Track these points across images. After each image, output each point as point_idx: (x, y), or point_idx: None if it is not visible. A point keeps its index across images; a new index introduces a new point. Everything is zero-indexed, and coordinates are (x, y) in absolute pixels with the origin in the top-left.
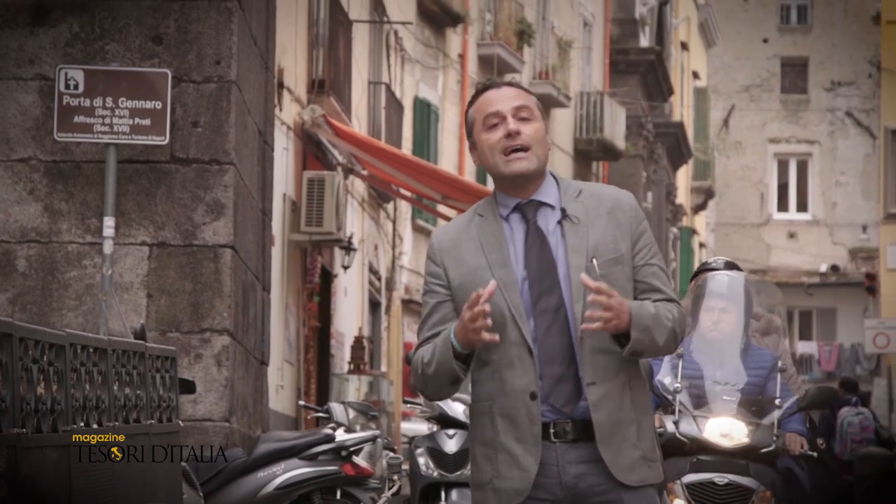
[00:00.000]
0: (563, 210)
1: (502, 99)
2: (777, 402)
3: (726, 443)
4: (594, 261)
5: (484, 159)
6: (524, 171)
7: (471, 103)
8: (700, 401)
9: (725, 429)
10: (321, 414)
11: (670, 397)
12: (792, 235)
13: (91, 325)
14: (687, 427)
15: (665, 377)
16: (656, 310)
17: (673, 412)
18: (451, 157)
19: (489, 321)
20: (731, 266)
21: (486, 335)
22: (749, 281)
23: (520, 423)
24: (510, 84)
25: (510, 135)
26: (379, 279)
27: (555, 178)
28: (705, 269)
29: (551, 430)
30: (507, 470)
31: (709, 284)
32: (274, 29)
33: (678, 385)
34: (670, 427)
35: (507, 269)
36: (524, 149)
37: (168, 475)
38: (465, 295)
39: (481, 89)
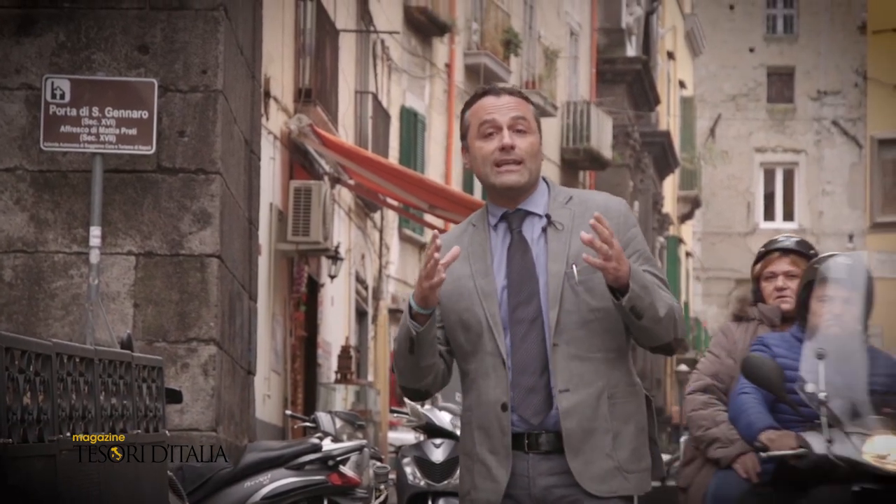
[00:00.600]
0: (547, 216)
1: (500, 108)
2: None
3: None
4: (574, 267)
5: (475, 166)
6: (514, 184)
7: (469, 105)
8: (848, 413)
9: (887, 449)
10: (308, 423)
11: (815, 408)
12: None
13: (77, 334)
14: (843, 447)
15: (805, 383)
16: (656, 283)
17: (817, 427)
18: (437, 166)
19: (443, 274)
20: (805, 245)
21: (434, 278)
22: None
23: (493, 434)
24: (511, 92)
25: (504, 148)
26: (366, 288)
27: (548, 185)
28: (773, 248)
29: (525, 441)
30: (481, 481)
31: (826, 269)
32: (260, 38)
33: (824, 394)
34: (817, 447)
35: (488, 279)
36: (517, 162)
37: (155, 484)
38: (449, 303)
39: (481, 93)
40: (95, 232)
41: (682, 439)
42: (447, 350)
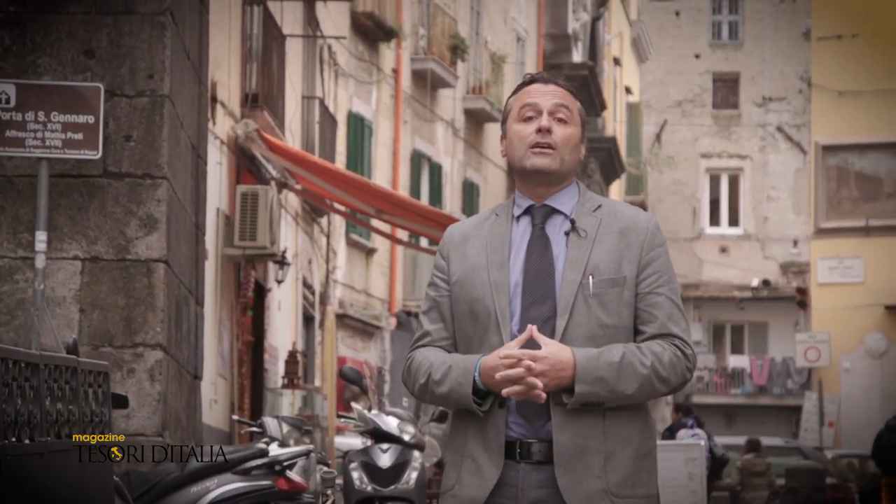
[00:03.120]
0: (572, 221)
1: (544, 93)
2: None
3: None
4: (591, 278)
5: (510, 151)
6: (544, 167)
7: (515, 92)
8: None
9: None
10: (255, 428)
11: None
12: (724, 250)
13: (23, 339)
14: None
15: None
16: (626, 357)
17: None
18: (384, 171)
19: (537, 382)
20: None
21: (515, 394)
22: None
23: (488, 429)
24: (558, 83)
25: (541, 130)
26: (313, 293)
27: (579, 188)
28: None
29: (517, 450)
30: (468, 477)
31: None
32: (207, 43)
33: None
34: None
35: (502, 272)
36: (551, 147)
37: (100, 489)
38: (461, 292)
39: (528, 80)
40: (41, 237)
41: None
42: (451, 343)
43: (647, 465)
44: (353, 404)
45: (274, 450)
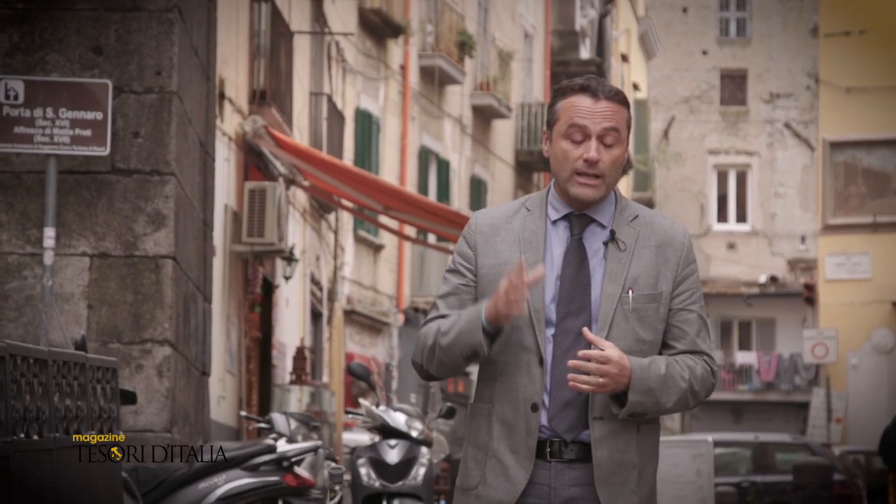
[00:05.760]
0: (612, 232)
1: (595, 115)
2: None
3: None
4: (630, 292)
5: (553, 163)
6: (590, 198)
7: (563, 93)
8: None
9: None
10: (263, 424)
11: None
12: (731, 246)
13: (31, 336)
14: None
15: None
16: (669, 369)
17: None
18: (392, 168)
19: (526, 293)
20: None
21: (515, 307)
22: None
23: (516, 432)
24: (610, 96)
25: (588, 161)
26: (321, 290)
27: (616, 195)
28: None
29: (547, 449)
30: (493, 478)
31: None
32: (215, 40)
33: None
34: None
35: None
36: (597, 176)
37: (109, 485)
38: (490, 286)
39: (578, 87)
40: (49, 233)
41: None
42: None
43: (656, 477)
44: (361, 400)
45: (282, 446)
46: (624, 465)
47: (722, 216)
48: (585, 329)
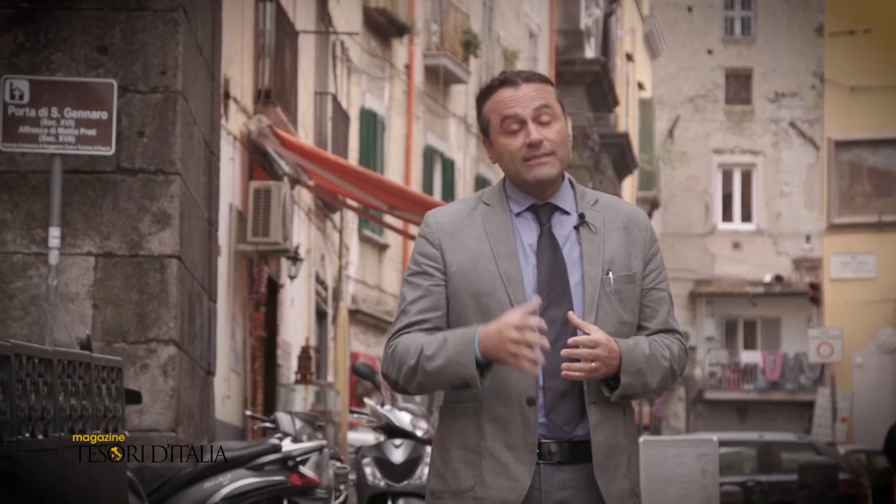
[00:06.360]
0: (581, 215)
1: (521, 100)
2: None
3: None
4: (610, 274)
5: (502, 163)
6: (547, 176)
7: (484, 97)
8: None
9: None
10: (268, 424)
11: None
12: (736, 245)
13: (36, 335)
14: None
15: None
16: (652, 349)
17: None
18: (397, 167)
19: (538, 354)
20: None
21: (526, 364)
22: None
23: (512, 428)
24: (528, 78)
25: (532, 144)
26: (325, 289)
27: (571, 182)
28: None
29: (537, 451)
30: (492, 478)
31: None
32: (220, 39)
33: None
34: None
35: (513, 263)
36: (547, 154)
37: (114, 485)
38: (464, 283)
39: (496, 85)
40: (55, 232)
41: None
42: None
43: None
44: (366, 400)
45: (287, 445)
46: (616, 449)
47: (727, 215)
48: (571, 314)
